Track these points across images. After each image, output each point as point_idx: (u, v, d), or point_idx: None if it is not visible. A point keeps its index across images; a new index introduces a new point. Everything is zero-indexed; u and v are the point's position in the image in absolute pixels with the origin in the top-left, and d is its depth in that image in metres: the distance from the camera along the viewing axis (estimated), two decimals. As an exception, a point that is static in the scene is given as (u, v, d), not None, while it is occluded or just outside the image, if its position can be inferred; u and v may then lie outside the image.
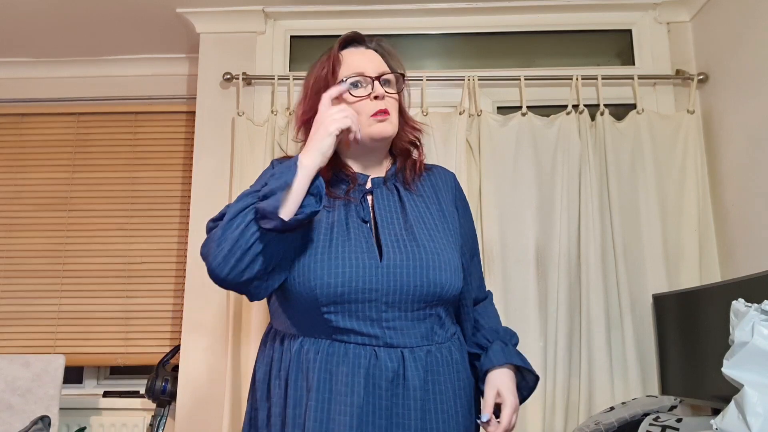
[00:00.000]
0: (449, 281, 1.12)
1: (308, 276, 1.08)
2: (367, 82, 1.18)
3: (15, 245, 2.77)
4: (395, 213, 1.19)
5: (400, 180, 1.24)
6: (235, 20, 2.58)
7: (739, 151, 2.16)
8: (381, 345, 1.08)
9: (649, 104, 2.45)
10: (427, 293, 1.10)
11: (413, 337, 1.10)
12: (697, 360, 1.88)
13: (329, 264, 1.08)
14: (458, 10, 2.57)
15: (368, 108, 1.17)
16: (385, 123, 1.18)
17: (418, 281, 1.09)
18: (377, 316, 1.08)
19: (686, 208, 2.28)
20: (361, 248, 1.11)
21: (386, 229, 1.15)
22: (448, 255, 1.14)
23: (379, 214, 1.17)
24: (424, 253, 1.11)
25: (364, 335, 1.08)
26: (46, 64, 2.92)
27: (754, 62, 2.07)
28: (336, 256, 1.09)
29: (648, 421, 1.68)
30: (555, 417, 2.12)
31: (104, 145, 2.85)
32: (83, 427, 2.56)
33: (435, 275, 1.10)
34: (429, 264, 1.10)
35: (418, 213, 1.19)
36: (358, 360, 1.07)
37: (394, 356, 1.08)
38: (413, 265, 1.10)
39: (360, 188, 1.21)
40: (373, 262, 1.09)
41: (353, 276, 1.07)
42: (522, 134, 2.33)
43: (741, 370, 1.10)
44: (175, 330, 2.63)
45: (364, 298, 1.07)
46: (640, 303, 2.21)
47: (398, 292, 1.08)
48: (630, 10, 2.55)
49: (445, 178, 1.30)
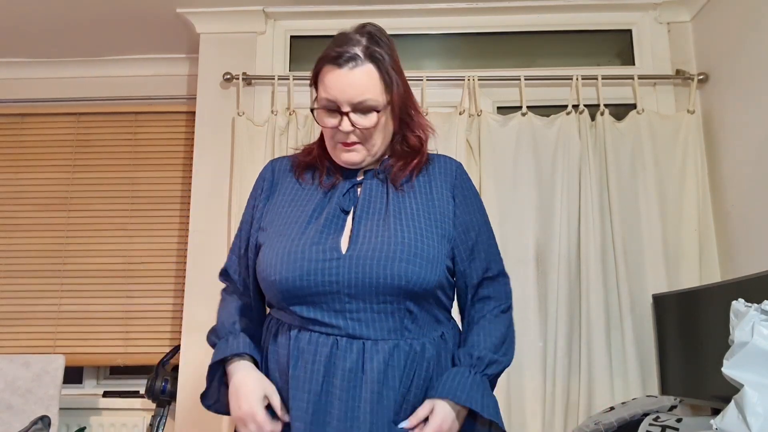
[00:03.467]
0: (417, 274, 1.06)
1: (269, 272, 1.09)
2: (339, 112, 1.12)
3: (15, 245, 2.77)
4: (379, 204, 1.15)
5: (390, 176, 1.19)
6: (235, 20, 2.58)
7: (739, 151, 2.16)
8: (343, 335, 1.06)
9: (649, 104, 2.45)
10: (390, 285, 1.05)
11: (378, 330, 1.07)
12: (697, 360, 1.88)
13: (288, 258, 1.07)
14: (458, 10, 2.57)
15: (338, 135, 1.14)
16: (351, 153, 1.15)
17: (381, 273, 1.05)
18: (341, 308, 1.06)
19: (686, 208, 2.28)
20: (328, 239, 1.09)
21: (364, 220, 1.12)
22: (422, 246, 1.09)
23: (361, 204, 1.15)
24: (394, 243, 1.07)
25: (327, 325, 1.07)
26: (46, 65, 2.92)
27: (754, 62, 2.07)
28: (296, 249, 1.08)
29: (648, 421, 1.68)
30: (555, 417, 2.12)
31: (104, 145, 2.85)
32: (83, 427, 2.56)
33: (400, 267, 1.05)
34: (396, 255, 1.06)
35: (402, 204, 1.15)
36: (320, 348, 1.06)
37: (355, 347, 1.06)
38: (377, 257, 1.06)
39: (352, 180, 1.19)
40: (335, 254, 1.07)
41: (311, 269, 1.06)
42: (522, 134, 2.33)
43: (741, 370, 1.10)
44: (175, 330, 2.63)
45: (324, 290, 1.06)
46: (640, 303, 2.21)
47: (359, 284, 1.05)
48: (630, 10, 2.55)
49: (445, 168, 1.23)
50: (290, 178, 1.23)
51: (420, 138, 1.21)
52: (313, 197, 1.17)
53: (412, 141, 1.21)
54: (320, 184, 1.19)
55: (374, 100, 1.11)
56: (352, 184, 1.18)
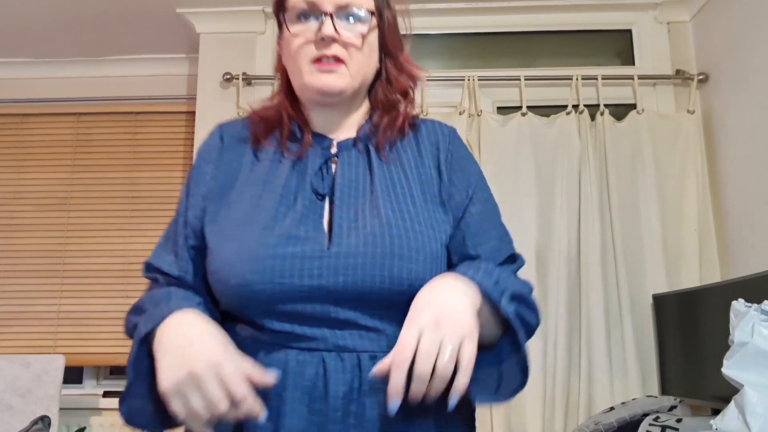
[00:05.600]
0: (421, 276, 0.80)
1: (226, 274, 0.81)
2: (317, 16, 0.86)
3: (15, 245, 2.77)
4: (362, 184, 0.88)
5: (374, 142, 0.91)
6: (235, 20, 2.58)
7: (739, 151, 2.16)
8: (331, 349, 0.79)
9: (649, 104, 2.45)
10: (389, 291, 0.79)
11: (376, 341, 0.81)
12: (697, 360, 1.88)
13: (254, 255, 0.79)
14: (458, 10, 2.57)
15: (313, 50, 0.86)
16: (331, 75, 0.86)
17: (377, 275, 0.78)
18: (324, 316, 0.80)
19: (686, 208, 2.28)
20: (305, 231, 0.81)
21: (345, 205, 0.85)
22: (423, 238, 0.82)
23: (340, 185, 0.86)
24: (389, 236, 0.80)
25: (308, 339, 0.79)
26: (46, 65, 2.92)
27: (754, 62, 2.07)
28: (264, 244, 0.79)
29: (648, 422, 1.68)
30: (555, 417, 2.12)
31: (104, 145, 2.85)
32: (83, 427, 2.56)
33: (401, 268, 0.79)
34: (394, 251, 0.79)
35: (391, 180, 0.88)
36: (304, 369, 0.78)
37: (348, 364, 0.78)
38: (371, 253, 0.79)
39: (323, 152, 0.90)
40: (317, 250, 0.79)
41: (285, 270, 0.78)
42: (522, 134, 2.33)
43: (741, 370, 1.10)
44: (175, 330, 2.63)
45: (302, 296, 0.78)
46: (639, 303, 2.21)
47: (349, 289, 0.79)
48: (630, 10, 2.56)
49: (433, 135, 0.95)
50: (246, 149, 0.92)
51: (410, 84, 0.96)
52: (278, 174, 0.88)
53: (401, 85, 0.94)
54: (282, 148, 0.90)
55: (363, 9, 0.88)
56: (325, 159, 0.89)
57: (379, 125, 0.92)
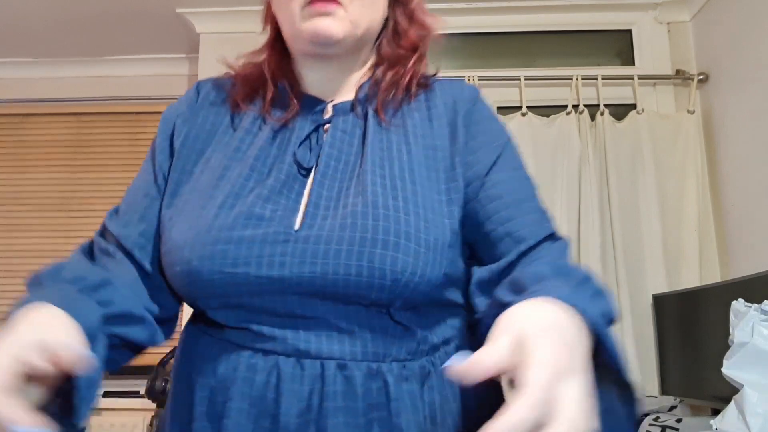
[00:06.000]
0: (411, 269, 0.62)
1: (174, 258, 0.66)
2: None
3: (15, 245, 2.77)
4: (353, 155, 0.71)
5: (374, 103, 0.75)
6: (235, 20, 2.58)
7: (739, 151, 2.16)
8: (289, 353, 0.62)
9: (649, 104, 2.45)
10: (367, 286, 0.61)
11: (348, 345, 0.63)
12: (696, 360, 1.88)
13: (205, 237, 0.64)
14: (458, 10, 2.57)
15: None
16: (327, 19, 0.69)
17: (353, 266, 0.61)
18: (286, 311, 0.64)
19: (686, 208, 2.28)
20: (271, 210, 0.66)
21: (327, 181, 0.69)
22: (419, 223, 0.64)
23: (326, 156, 0.70)
24: (372, 217, 0.63)
25: (264, 339, 0.64)
26: (46, 64, 2.92)
27: (754, 62, 2.07)
28: (218, 225, 0.64)
29: (648, 421, 1.68)
30: (555, 417, 2.12)
31: (105, 145, 2.85)
32: (83, 427, 2.56)
33: (384, 257, 0.61)
34: (377, 237, 0.62)
35: (388, 153, 0.70)
36: (251, 377, 0.63)
37: (309, 373, 0.62)
38: (348, 238, 0.62)
39: (314, 118, 0.74)
40: (281, 233, 0.63)
41: (240, 256, 0.62)
42: (522, 134, 2.33)
43: (741, 370, 1.10)
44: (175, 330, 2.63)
45: (260, 289, 0.63)
46: (639, 303, 2.21)
47: (318, 282, 0.62)
48: (630, 10, 2.56)
49: (450, 96, 0.76)
50: (222, 112, 0.77)
51: (422, 36, 0.78)
52: (253, 143, 0.73)
53: (411, 37, 0.77)
54: (265, 112, 0.75)
55: None
56: (316, 125, 0.73)
57: (381, 82, 0.76)
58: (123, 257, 0.72)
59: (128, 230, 0.75)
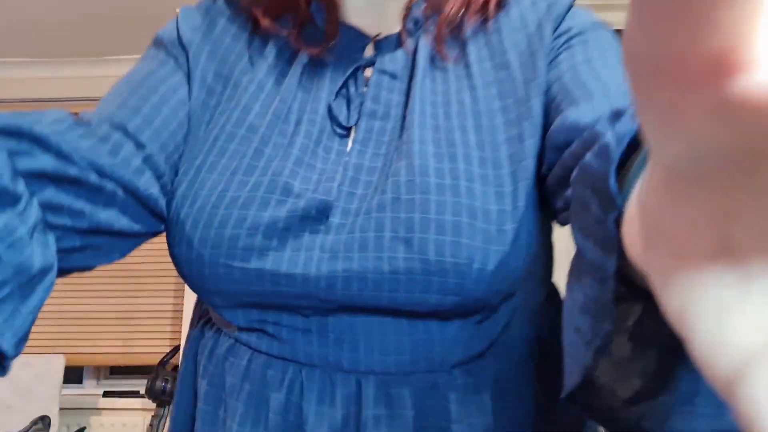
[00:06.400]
0: (480, 255, 0.44)
1: (171, 237, 0.52)
2: None
3: (15, 245, 2.77)
4: (400, 107, 0.52)
5: (432, 31, 0.54)
6: (235, 20, 2.59)
7: (739, 151, 2.16)
8: (315, 363, 0.47)
9: (649, 104, 2.45)
10: (423, 288, 0.44)
11: (392, 352, 0.46)
12: (697, 360, 1.88)
13: (209, 219, 0.47)
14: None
15: None
16: None
17: (400, 258, 0.44)
18: (312, 312, 0.47)
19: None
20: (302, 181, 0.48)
21: (369, 147, 0.50)
22: (486, 194, 0.46)
23: (368, 113, 0.52)
24: (420, 189, 0.45)
25: (282, 342, 0.47)
26: (46, 64, 2.92)
27: (754, 62, 2.07)
28: (230, 200, 0.47)
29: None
30: (555, 417, 2.12)
31: (104, 145, 2.85)
32: (83, 427, 2.56)
33: (442, 244, 0.43)
34: (429, 218, 0.44)
35: (443, 102, 0.51)
36: (265, 393, 0.47)
37: (342, 392, 0.46)
38: (389, 221, 0.45)
39: (354, 57, 0.55)
40: (310, 217, 0.46)
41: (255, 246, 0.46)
42: (522, 134, 2.34)
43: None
44: (175, 330, 2.63)
45: (278, 290, 0.46)
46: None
47: (354, 284, 0.45)
48: (630, 10, 2.56)
49: (533, 13, 0.58)
50: (243, 35, 0.57)
51: None
52: (280, 82, 0.54)
53: None
54: (294, 40, 0.55)
55: None
56: (356, 67, 0.53)
57: (440, 5, 0.54)
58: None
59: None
